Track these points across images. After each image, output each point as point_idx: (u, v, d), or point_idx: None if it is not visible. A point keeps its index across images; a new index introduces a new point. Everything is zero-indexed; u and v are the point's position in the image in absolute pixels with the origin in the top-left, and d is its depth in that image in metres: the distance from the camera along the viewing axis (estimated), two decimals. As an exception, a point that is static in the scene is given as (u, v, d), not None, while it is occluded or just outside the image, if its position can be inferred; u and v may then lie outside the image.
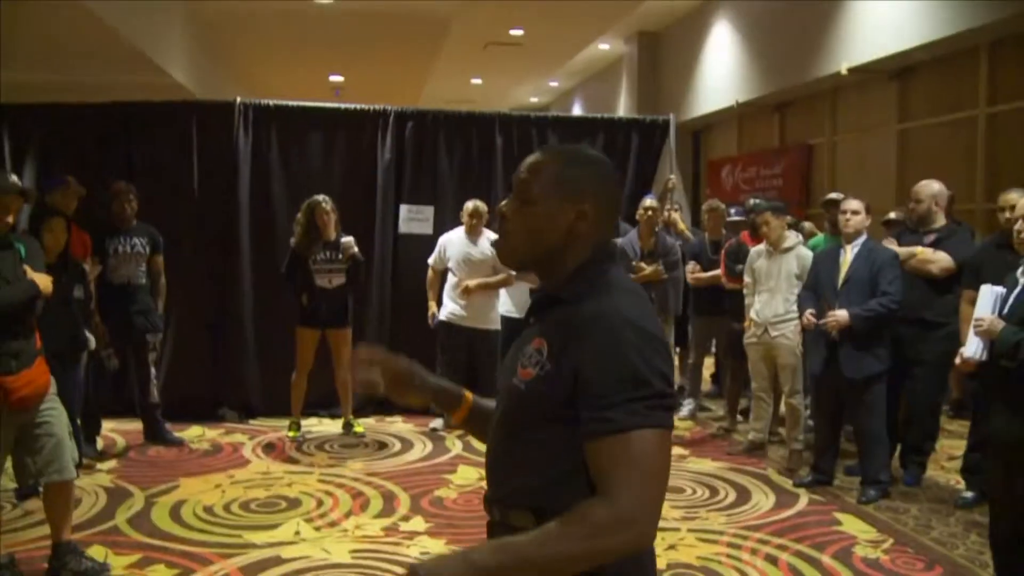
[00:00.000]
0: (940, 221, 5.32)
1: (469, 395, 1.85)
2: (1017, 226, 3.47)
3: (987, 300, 3.51)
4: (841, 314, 4.87)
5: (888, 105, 8.86)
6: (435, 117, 7.32)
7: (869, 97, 9.22)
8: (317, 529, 4.43)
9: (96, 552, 3.99)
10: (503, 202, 1.67)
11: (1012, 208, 4.69)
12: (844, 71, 8.57)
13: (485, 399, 1.87)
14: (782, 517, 4.72)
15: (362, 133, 7.10)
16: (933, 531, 4.52)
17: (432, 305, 6.51)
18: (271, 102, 6.95)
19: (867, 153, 9.37)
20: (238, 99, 6.86)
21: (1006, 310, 3.46)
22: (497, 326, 6.56)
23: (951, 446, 6.05)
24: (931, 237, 5.29)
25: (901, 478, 5.29)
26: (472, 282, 6.31)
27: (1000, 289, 3.50)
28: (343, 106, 7.23)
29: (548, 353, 1.53)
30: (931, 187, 5.35)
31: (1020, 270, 3.54)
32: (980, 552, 4.21)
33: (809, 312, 5.04)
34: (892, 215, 6.54)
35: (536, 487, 1.54)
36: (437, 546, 4.23)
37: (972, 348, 3.49)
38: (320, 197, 6.10)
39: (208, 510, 4.70)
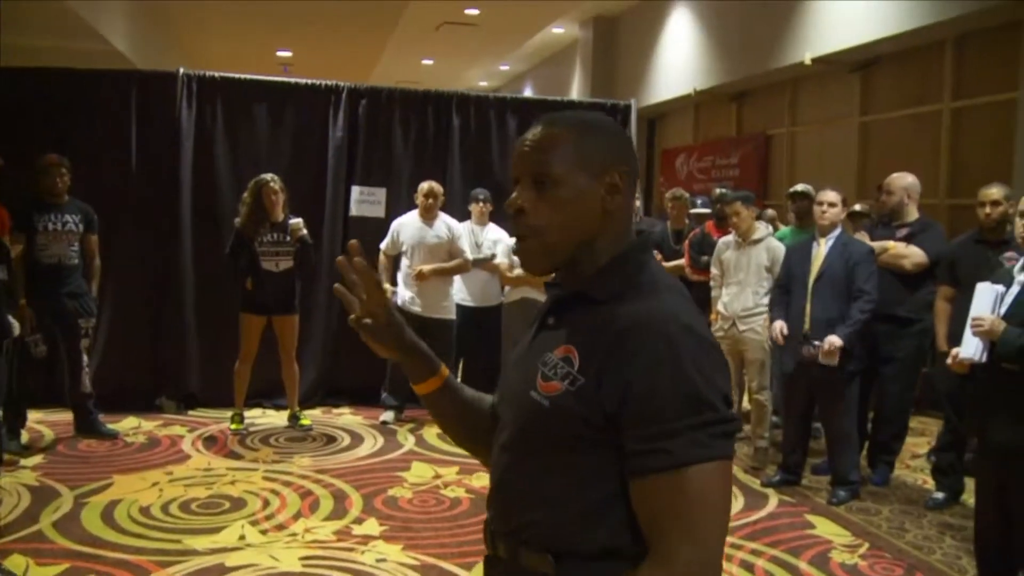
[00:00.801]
0: (912, 215, 5.19)
1: (445, 369, 1.54)
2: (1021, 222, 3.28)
3: (986, 299, 3.32)
4: (833, 340, 4.65)
5: (850, 97, 8.77)
6: (390, 95, 6.98)
7: (830, 89, 9.13)
8: (264, 533, 4.11)
9: (15, 563, 3.62)
10: (512, 196, 1.37)
11: (993, 203, 4.60)
12: (808, 61, 8.45)
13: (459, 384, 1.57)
14: (753, 519, 4.53)
15: (313, 110, 6.74)
16: (907, 534, 4.38)
17: (387, 287, 6.19)
18: (217, 74, 6.55)
19: (827, 145, 9.28)
20: (181, 70, 6.44)
21: (1004, 310, 3.29)
22: (452, 315, 6.31)
23: (913, 444, 5.95)
24: (904, 231, 5.16)
25: (868, 477, 5.16)
26: (427, 267, 6.03)
27: (1000, 287, 3.32)
28: (293, 80, 6.86)
29: (581, 364, 1.27)
30: (904, 179, 5.22)
31: (1018, 266, 3.38)
32: (957, 556, 4.09)
33: (780, 326, 4.88)
34: (858, 207, 6.41)
35: (559, 523, 1.28)
36: (394, 551, 3.95)
37: (971, 349, 3.30)
38: (268, 176, 5.77)
39: (145, 512, 4.33)
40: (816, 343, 4.69)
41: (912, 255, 5.01)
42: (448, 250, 6.16)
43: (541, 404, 1.29)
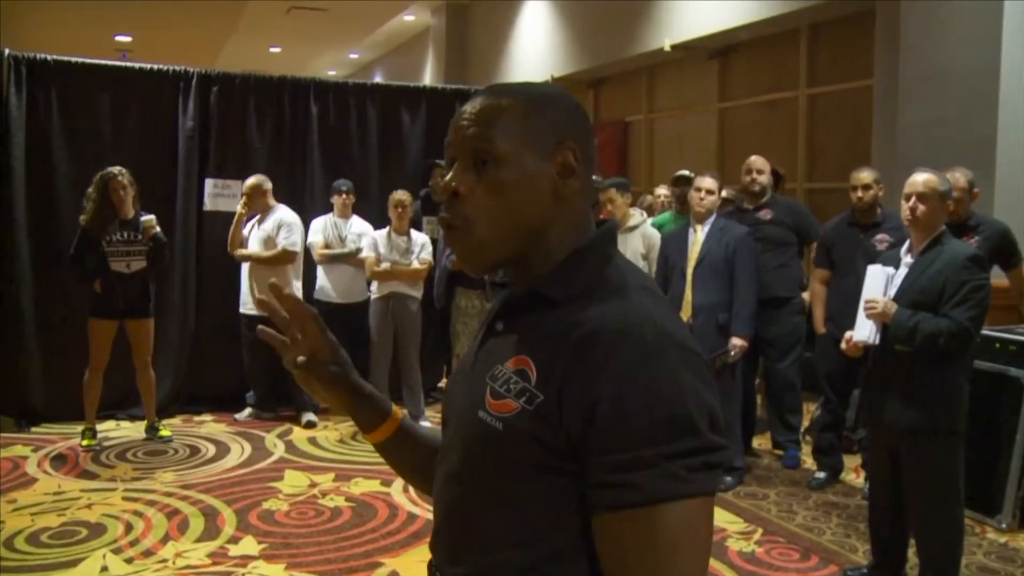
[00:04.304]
0: (769, 193, 5.31)
1: (398, 411, 1.34)
2: (911, 204, 3.29)
3: (877, 281, 3.34)
4: (736, 342, 4.61)
5: (708, 83, 8.91)
6: (244, 81, 6.55)
7: (688, 75, 9.25)
8: (129, 561, 3.73)
9: None
10: (447, 176, 1.14)
11: (864, 187, 4.70)
12: (667, 47, 8.52)
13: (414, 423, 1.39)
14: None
15: (160, 97, 6.24)
16: (796, 516, 4.42)
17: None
18: (49, 57, 5.94)
19: (686, 131, 9.42)
20: (7, 50, 5.82)
21: (894, 292, 3.32)
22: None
23: (786, 424, 6.06)
24: (766, 213, 5.24)
25: (782, 461, 5.23)
26: (266, 253, 5.84)
27: (890, 269, 3.34)
28: (137, 65, 6.32)
29: (539, 378, 1.05)
30: (765, 161, 5.32)
31: (903, 248, 3.41)
32: (847, 535, 4.15)
33: None
34: (724, 193, 6.47)
35: (524, 567, 1.06)
36: (276, 572, 3.66)
37: (865, 332, 3.31)
38: (116, 169, 5.30)
39: (-15, 549, 3.86)
40: (723, 350, 4.63)
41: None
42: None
43: (492, 427, 1.08)
